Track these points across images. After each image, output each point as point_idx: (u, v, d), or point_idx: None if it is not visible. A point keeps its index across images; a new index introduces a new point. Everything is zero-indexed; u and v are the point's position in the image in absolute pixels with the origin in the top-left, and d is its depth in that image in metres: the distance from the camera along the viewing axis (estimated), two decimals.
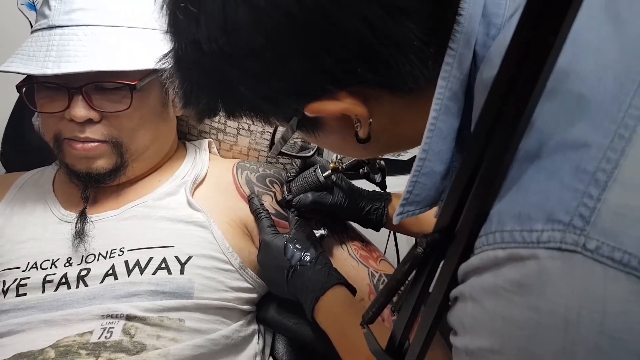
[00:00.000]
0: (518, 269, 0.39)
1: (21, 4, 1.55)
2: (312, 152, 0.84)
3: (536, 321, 0.38)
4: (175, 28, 0.51)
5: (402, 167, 0.99)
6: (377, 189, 1.01)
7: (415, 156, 0.52)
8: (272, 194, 0.99)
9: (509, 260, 0.40)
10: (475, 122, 0.40)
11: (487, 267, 0.41)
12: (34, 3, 1.55)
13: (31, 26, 1.58)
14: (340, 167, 0.91)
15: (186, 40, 0.50)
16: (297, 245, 0.86)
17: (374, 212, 0.96)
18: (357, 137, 0.53)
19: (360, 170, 0.96)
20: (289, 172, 0.95)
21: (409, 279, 0.50)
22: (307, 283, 0.83)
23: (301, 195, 0.92)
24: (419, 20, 0.45)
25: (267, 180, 1.00)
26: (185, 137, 1.12)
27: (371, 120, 0.51)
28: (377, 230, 1.00)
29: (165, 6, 0.52)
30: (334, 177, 0.93)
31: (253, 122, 0.59)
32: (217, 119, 1.09)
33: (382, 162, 0.98)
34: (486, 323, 0.42)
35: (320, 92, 0.49)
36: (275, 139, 0.64)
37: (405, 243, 1.09)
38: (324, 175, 0.91)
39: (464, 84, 0.48)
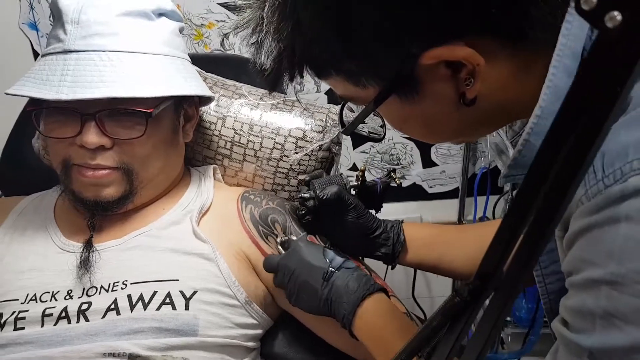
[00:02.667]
0: None
1: (22, 24, 1.53)
2: (382, 136, 0.82)
3: None
4: None
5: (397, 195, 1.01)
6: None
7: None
8: (274, 236, 0.95)
9: None
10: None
11: None
12: (35, 23, 1.53)
13: (32, 45, 1.57)
14: (365, 180, 0.93)
15: None
16: (337, 252, 0.83)
17: (387, 240, 0.93)
18: (462, 99, 0.51)
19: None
20: (309, 174, 0.95)
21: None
22: (351, 284, 0.78)
23: (327, 188, 0.90)
24: None
25: (269, 220, 0.95)
26: (190, 162, 1.09)
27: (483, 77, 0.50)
28: (392, 264, 0.96)
29: None
30: (353, 192, 0.92)
31: (336, 83, 0.56)
32: (223, 144, 1.06)
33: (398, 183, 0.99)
34: None
35: (444, 37, 0.47)
36: (344, 119, 0.62)
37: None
38: (352, 184, 0.92)
39: (582, 43, 0.47)
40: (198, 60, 1.02)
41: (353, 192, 0.92)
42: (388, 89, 0.53)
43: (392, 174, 0.95)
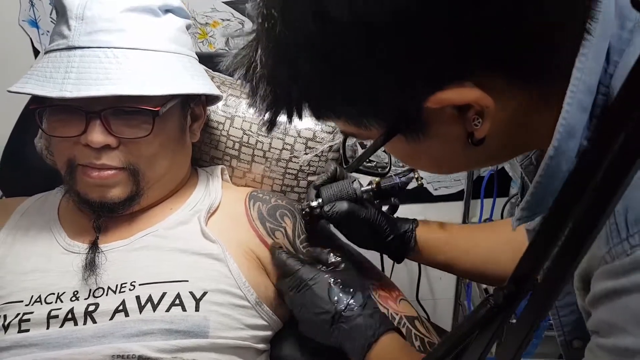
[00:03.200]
0: None
1: (22, 21, 1.51)
2: (387, 169, 0.79)
3: None
4: (288, 2, 0.45)
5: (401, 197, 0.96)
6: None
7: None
8: (282, 230, 0.94)
9: None
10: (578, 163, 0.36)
11: None
12: (36, 20, 1.51)
13: (32, 43, 1.55)
14: (380, 186, 0.88)
15: (303, 13, 0.44)
16: (343, 288, 0.81)
17: (399, 238, 0.91)
18: (471, 138, 0.49)
19: (392, 199, 0.93)
20: (320, 176, 0.91)
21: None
22: (357, 330, 0.77)
23: (337, 202, 0.87)
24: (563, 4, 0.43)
25: (277, 214, 0.95)
26: (197, 162, 1.08)
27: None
28: (399, 261, 0.95)
29: None
30: (369, 194, 0.89)
31: (337, 122, 0.54)
32: (231, 144, 1.05)
33: (421, 183, 0.94)
34: None
35: (452, 78, 0.45)
36: (347, 153, 0.59)
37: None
38: (362, 189, 0.88)
39: (597, 77, 0.46)
40: (203, 59, 1.00)
41: (365, 197, 0.89)
42: (391, 130, 0.51)
43: (413, 172, 0.90)
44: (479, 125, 0.48)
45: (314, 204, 0.89)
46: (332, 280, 0.82)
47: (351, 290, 0.80)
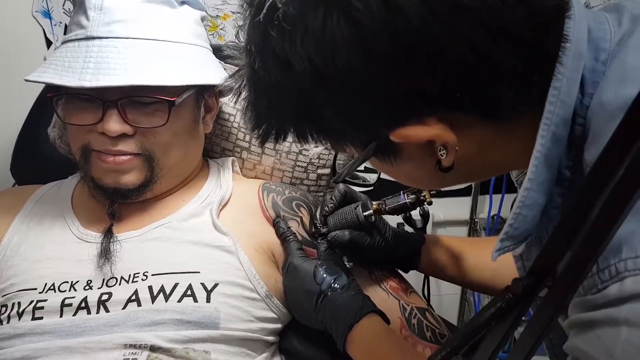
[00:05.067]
0: None
1: (35, 11, 1.51)
2: (374, 181, 0.80)
3: None
4: (263, 45, 0.48)
5: None
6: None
7: None
8: (298, 219, 0.94)
9: None
10: (602, 152, 0.37)
11: None
12: (48, 11, 1.51)
13: (45, 34, 1.55)
14: (383, 209, 0.88)
15: (274, 59, 0.47)
16: (327, 270, 0.82)
17: (404, 258, 0.94)
18: (439, 165, 0.50)
19: (402, 215, 0.92)
20: (327, 206, 0.91)
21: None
22: (339, 310, 0.78)
23: (338, 231, 0.88)
24: (524, 45, 0.44)
25: (293, 204, 0.96)
26: (208, 154, 1.08)
27: (457, 148, 0.48)
28: (406, 271, 0.97)
29: (252, 22, 0.49)
30: (373, 218, 0.89)
31: (321, 144, 0.56)
32: (241, 136, 1.05)
33: (427, 208, 0.94)
34: None
35: (411, 116, 0.46)
36: (337, 166, 0.61)
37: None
38: (364, 214, 0.88)
39: (571, 110, 0.46)
40: (213, 51, 1.00)
41: (371, 220, 0.89)
42: (366, 155, 0.53)
43: (421, 195, 0.88)
44: (444, 156, 0.50)
45: (323, 231, 0.90)
46: (319, 262, 0.84)
47: (335, 272, 0.82)
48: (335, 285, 0.80)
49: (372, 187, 0.83)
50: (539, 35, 0.44)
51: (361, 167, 0.58)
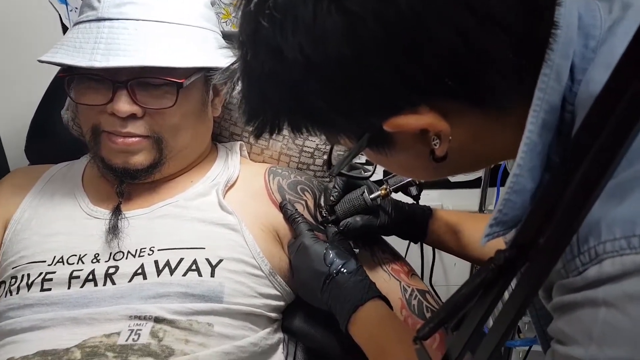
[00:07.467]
0: None
1: None
2: (370, 173, 0.81)
3: None
4: (254, 35, 0.48)
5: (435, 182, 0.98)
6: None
7: None
8: (303, 202, 0.96)
9: None
10: (579, 129, 0.38)
11: (631, 273, 0.41)
12: None
13: (61, 19, 1.58)
14: (389, 191, 0.90)
15: (265, 48, 0.48)
16: (338, 254, 0.84)
17: (413, 231, 0.96)
18: (432, 155, 0.51)
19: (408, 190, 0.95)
20: (332, 195, 0.93)
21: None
22: (346, 292, 0.80)
23: (349, 219, 0.90)
24: (513, 32, 0.44)
25: (298, 188, 0.97)
26: (217, 138, 1.10)
27: (450, 137, 0.49)
28: (416, 242, 1.00)
29: (243, 12, 0.49)
30: (379, 201, 0.91)
31: (316, 137, 0.57)
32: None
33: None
34: (627, 331, 0.41)
35: (403, 105, 0.47)
36: (332, 158, 0.62)
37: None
38: (371, 197, 0.90)
39: (560, 96, 0.46)
40: (226, 38, 1.01)
41: (378, 202, 0.91)
42: (360, 145, 0.53)
43: None
44: (438, 145, 0.50)
45: (332, 219, 0.92)
46: (329, 245, 0.85)
47: (345, 257, 0.83)
48: (344, 269, 0.82)
49: (369, 177, 0.84)
50: (529, 22, 0.45)
51: (362, 160, 0.59)
